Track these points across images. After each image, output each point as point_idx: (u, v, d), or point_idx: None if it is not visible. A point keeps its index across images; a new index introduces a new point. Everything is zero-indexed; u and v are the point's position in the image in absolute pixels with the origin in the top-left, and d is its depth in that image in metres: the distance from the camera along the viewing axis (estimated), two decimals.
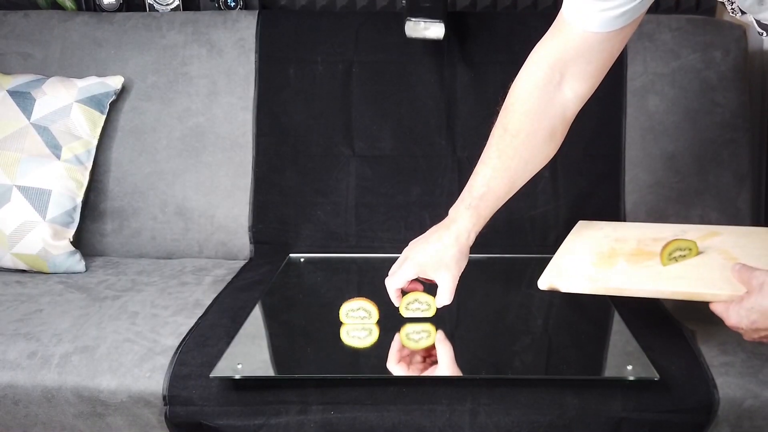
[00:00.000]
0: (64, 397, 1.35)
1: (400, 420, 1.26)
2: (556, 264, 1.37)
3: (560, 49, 1.33)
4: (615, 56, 1.34)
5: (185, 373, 1.34)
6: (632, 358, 1.31)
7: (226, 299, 1.61)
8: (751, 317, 1.10)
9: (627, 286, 1.27)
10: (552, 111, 1.36)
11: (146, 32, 1.98)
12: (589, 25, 1.28)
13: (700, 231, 1.41)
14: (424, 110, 1.91)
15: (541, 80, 1.35)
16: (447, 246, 1.37)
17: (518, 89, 1.38)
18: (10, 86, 1.85)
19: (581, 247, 1.41)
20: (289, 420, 1.27)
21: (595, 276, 1.30)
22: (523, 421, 1.26)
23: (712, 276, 1.22)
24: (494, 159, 1.37)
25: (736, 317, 1.12)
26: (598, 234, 1.46)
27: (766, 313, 1.08)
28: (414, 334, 1.41)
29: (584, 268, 1.33)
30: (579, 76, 1.34)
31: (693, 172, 1.87)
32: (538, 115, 1.36)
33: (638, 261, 1.31)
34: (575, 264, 1.35)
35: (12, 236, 1.74)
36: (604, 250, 1.36)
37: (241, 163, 1.91)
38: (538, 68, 1.35)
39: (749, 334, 1.13)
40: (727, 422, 1.29)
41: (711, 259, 1.29)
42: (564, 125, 1.39)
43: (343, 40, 1.94)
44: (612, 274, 1.30)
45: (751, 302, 1.10)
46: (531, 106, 1.36)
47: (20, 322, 1.50)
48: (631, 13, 1.26)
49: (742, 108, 1.89)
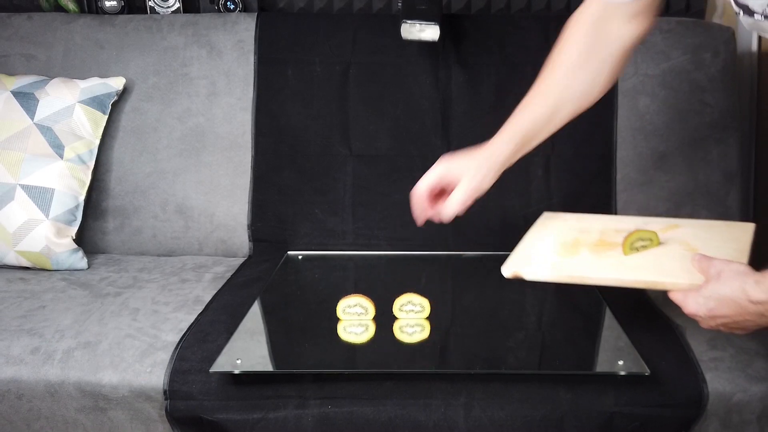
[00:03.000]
0: (66, 392, 1.35)
1: (396, 414, 1.26)
2: (520, 252, 1.37)
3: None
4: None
5: (185, 368, 1.34)
6: (623, 353, 1.31)
7: (225, 296, 1.61)
8: (708, 305, 1.10)
9: (589, 274, 1.27)
10: (603, 42, 1.33)
11: (147, 34, 1.97)
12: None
13: (662, 223, 1.41)
14: (420, 110, 1.91)
15: (593, 17, 1.32)
16: (475, 158, 1.34)
17: (569, 25, 1.35)
18: (13, 87, 1.85)
19: (546, 237, 1.41)
20: (287, 414, 1.27)
21: (558, 264, 1.30)
22: (517, 416, 1.26)
23: (673, 266, 1.23)
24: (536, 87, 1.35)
25: (694, 305, 1.12)
26: (563, 225, 1.46)
27: (723, 300, 1.08)
28: (408, 328, 1.41)
29: (548, 257, 1.33)
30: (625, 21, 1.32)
31: (683, 171, 1.87)
32: (588, 45, 1.32)
33: (601, 251, 1.31)
34: (539, 253, 1.35)
35: (16, 234, 1.74)
36: (567, 240, 1.36)
37: (240, 162, 1.91)
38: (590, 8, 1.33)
39: (706, 321, 1.13)
40: (716, 416, 1.29)
41: (672, 249, 1.29)
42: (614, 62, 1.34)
43: (341, 42, 1.94)
44: (575, 263, 1.30)
45: (708, 290, 1.11)
46: (581, 37, 1.33)
47: (24, 318, 1.49)
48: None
49: (731, 108, 1.89)
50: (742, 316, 1.08)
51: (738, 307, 1.07)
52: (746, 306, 1.06)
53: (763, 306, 1.05)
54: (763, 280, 1.05)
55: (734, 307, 1.08)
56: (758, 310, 1.06)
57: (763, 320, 1.07)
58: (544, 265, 1.31)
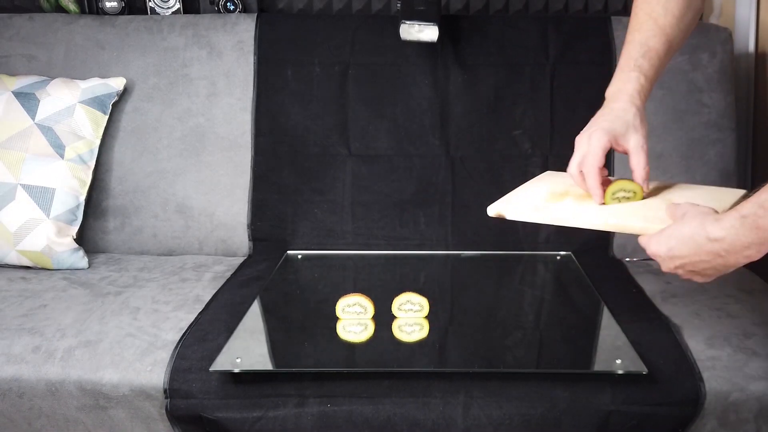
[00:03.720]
0: (67, 390, 1.35)
1: (395, 412, 1.26)
2: (508, 197, 1.36)
3: None
4: None
5: (185, 367, 1.34)
6: (621, 352, 1.31)
7: (225, 295, 1.61)
8: (669, 243, 1.08)
9: (565, 216, 1.25)
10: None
11: (148, 35, 1.97)
12: None
13: (653, 184, 1.40)
14: (419, 111, 1.91)
15: None
16: (625, 109, 1.26)
17: None
18: (15, 87, 1.85)
19: (539, 187, 1.40)
20: (286, 412, 1.27)
21: (539, 206, 1.29)
22: (515, 414, 1.26)
23: (647, 214, 1.21)
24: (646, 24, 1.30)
25: (655, 245, 1.10)
26: (558, 179, 1.45)
27: (683, 239, 1.06)
28: (407, 327, 1.41)
29: (533, 201, 1.32)
30: None
31: (680, 171, 1.87)
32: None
33: (585, 200, 1.30)
34: (527, 197, 1.35)
35: (17, 233, 1.74)
36: (557, 191, 1.36)
37: (240, 162, 1.91)
38: None
39: (666, 262, 1.10)
40: (713, 415, 1.29)
41: (651, 202, 1.27)
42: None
43: (340, 43, 1.94)
44: (555, 207, 1.28)
45: (671, 229, 1.09)
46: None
47: (25, 317, 1.49)
48: None
49: (728, 108, 1.89)
50: (699, 256, 1.05)
51: (696, 246, 1.05)
52: (703, 244, 1.04)
53: (719, 244, 1.02)
54: (723, 217, 1.02)
55: (692, 245, 1.05)
56: (714, 249, 1.03)
57: (719, 261, 1.04)
58: (527, 207, 1.30)
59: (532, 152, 1.87)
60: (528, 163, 1.87)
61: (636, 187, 1.26)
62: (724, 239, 1.02)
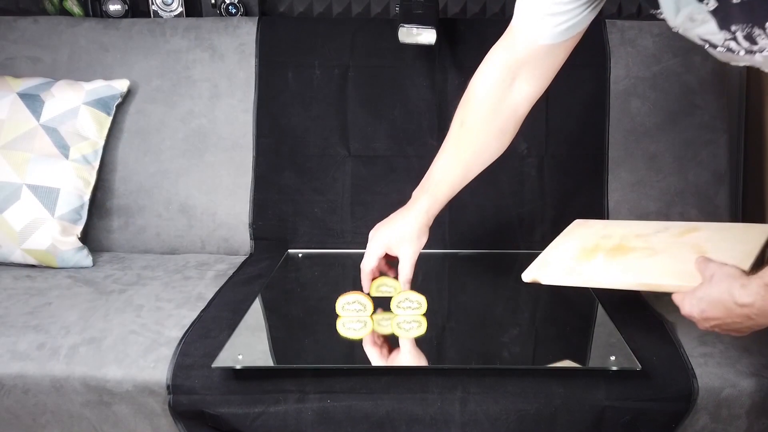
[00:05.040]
0: (72, 387, 1.35)
1: (394, 408, 1.26)
2: (542, 258, 1.37)
3: (511, 56, 1.37)
4: (562, 62, 1.37)
5: (188, 364, 1.34)
6: (615, 349, 1.31)
7: (227, 293, 1.61)
8: (701, 306, 1.10)
9: (597, 278, 1.27)
10: (504, 109, 1.40)
11: (151, 37, 1.97)
12: (539, 38, 1.32)
13: (683, 227, 1.41)
14: (417, 112, 1.91)
15: (495, 81, 1.38)
16: (407, 223, 1.42)
17: (474, 87, 1.41)
18: (20, 89, 1.85)
19: (569, 243, 1.41)
20: (287, 408, 1.27)
21: (572, 269, 1.30)
22: (511, 409, 1.26)
23: (677, 269, 1.22)
24: (451, 149, 1.43)
25: (689, 306, 1.12)
26: (588, 231, 1.46)
27: (713, 302, 1.08)
28: (405, 324, 1.41)
29: (565, 262, 1.33)
30: (528, 79, 1.38)
31: (673, 172, 1.87)
32: (491, 113, 1.40)
33: (615, 256, 1.31)
34: (558, 258, 1.35)
35: (22, 232, 1.74)
36: (588, 246, 1.36)
37: (241, 162, 1.91)
38: (493, 69, 1.39)
39: (701, 323, 1.12)
40: (705, 410, 1.29)
41: (682, 252, 1.28)
42: (515, 123, 1.42)
43: (340, 46, 1.94)
44: (587, 268, 1.29)
45: (701, 292, 1.10)
46: (485, 104, 1.39)
47: (30, 315, 1.49)
48: (577, 26, 1.31)
49: (720, 110, 1.90)
50: (731, 317, 1.07)
51: (726, 310, 1.07)
52: (733, 308, 1.06)
53: (749, 309, 1.04)
54: (749, 284, 1.05)
55: (723, 309, 1.07)
56: (744, 313, 1.05)
57: (751, 322, 1.06)
58: (560, 270, 1.31)
59: (527, 153, 1.88)
60: (524, 164, 1.87)
61: (396, 284, 1.44)
62: (753, 305, 1.05)
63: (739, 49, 1.08)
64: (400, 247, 1.41)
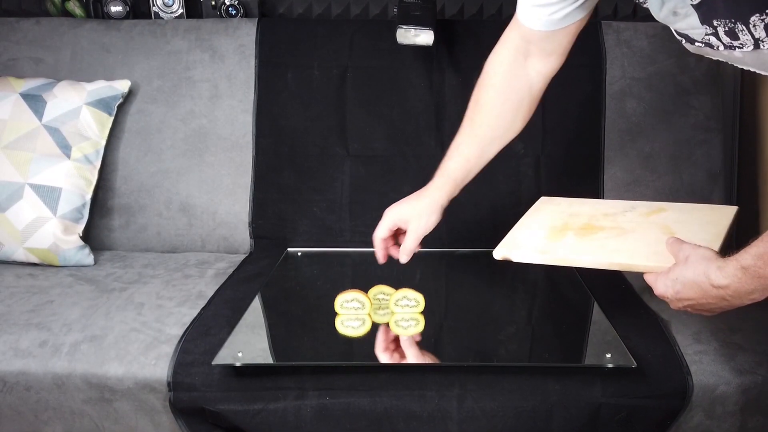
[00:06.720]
0: (73, 384, 1.35)
1: (392, 405, 1.26)
2: (511, 236, 1.37)
3: (520, 38, 1.39)
4: (570, 43, 1.38)
5: (189, 361, 1.33)
6: (611, 346, 1.31)
7: (227, 291, 1.61)
8: (675, 287, 1.10)
9: (571, 257, 1.27)
10: (519, 86, 1.41)
11: (152, 39, 1.97)
12: (535, 25, 1.34)
13: (649, 207, 1.41)
14: (415, 112, 1.91)
15: (507, 58, 1.40)
16: (420, 200, 1.43)
17: (489, 67, 1.42)
18: (22, 89, 1.84)
19: (538, 222, 1.41)
20: (286, 405, 1.27)
21: (544, 248, 1.30)
22: (508, 406, 1.26)
23: (648, 249, 1.22)
24: (466, 127, 1.44)
25: (662, 287, 1.12)
26: (555, 209, 1.46)
27: (688, 284, 1.08)
28: (403, 322, 1.41)
29: (536, 241, 1.33)
30: (540, 58, 1.39)
31: (668, 171, 1.87)
32: (505, 87, 1.41)
33: (585, 234, 1.31)
34: (529, 236, 1.35)
35: (24, 231, 1.73)
36: (557, 224, 1.36)
37: (241, 162, 1.91)
38: (505, 49, 1.41)
39: (674, 303, 1.13)
40: (700, 407, 1.29)
41: (651, 233, 1.28)
42: (531, 100, 1.43)
43: (338, 47, 1.94)
44: (559, 247, 1.29)
45: (675, 273, 1.11)
46: (500, 81, 1.41)
47: (32, 313, 1.49)
48: (575, 14, 1.32)
49: (715, 110, 1.90)
50: (706, 299, 1.07)
51: (701, 291, 1.07)
52: (708, 290, 1.06)
53: (724, 290, 1.04)
54: (725, 266, 1.04)
55: (698, 290, 1.08)
56: (719, 294, 1.05)
57: (725, 303, 1.06)
58: (531, 248, 1.31)
59: (524, 153, 1.87)
60: (520, 164, 1.87)
61: (392, 292, 1.45)
62: (729, 287, 1.04)
63: (718, 44, 1.08)
64: (410, 221, 1.42)
